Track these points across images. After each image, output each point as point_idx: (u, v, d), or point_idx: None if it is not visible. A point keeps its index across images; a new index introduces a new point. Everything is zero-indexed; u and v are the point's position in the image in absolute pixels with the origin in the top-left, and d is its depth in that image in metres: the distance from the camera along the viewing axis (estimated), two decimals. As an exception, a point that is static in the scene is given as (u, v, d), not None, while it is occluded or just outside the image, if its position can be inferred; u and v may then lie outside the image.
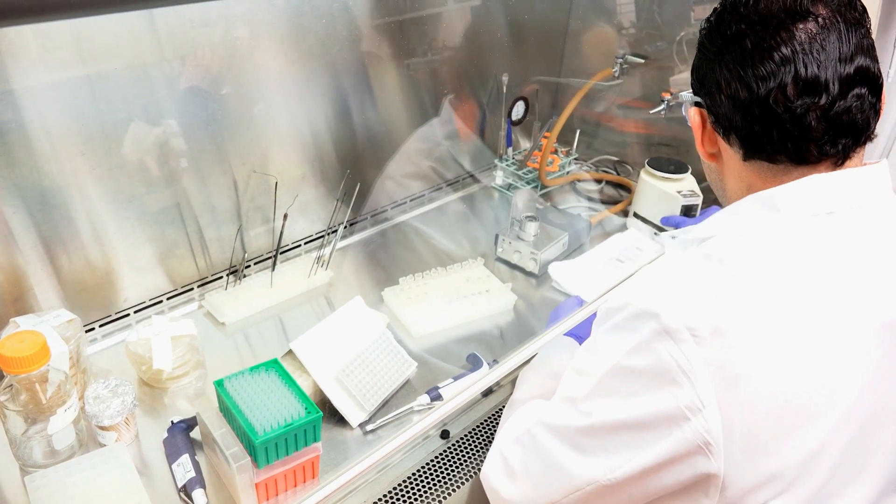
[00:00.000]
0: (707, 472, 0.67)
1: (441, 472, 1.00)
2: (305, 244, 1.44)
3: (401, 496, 0.96)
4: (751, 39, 0.70)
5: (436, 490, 0.97)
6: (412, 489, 0.97)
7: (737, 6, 0.73)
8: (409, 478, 0.98)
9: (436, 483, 0.98)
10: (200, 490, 0.90)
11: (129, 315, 1.22)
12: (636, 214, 1.57)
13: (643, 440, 0.69)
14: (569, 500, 0.76)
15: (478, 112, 1.69)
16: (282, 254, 1.38)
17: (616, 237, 1.51)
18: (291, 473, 0.91)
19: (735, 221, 0.75)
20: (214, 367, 1.13)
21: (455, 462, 1.01)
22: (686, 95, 0.82)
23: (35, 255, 1.07)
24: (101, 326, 1.19)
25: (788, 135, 0.70)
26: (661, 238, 1.18)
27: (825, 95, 0.68)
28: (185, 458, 0.94)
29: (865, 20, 0.71)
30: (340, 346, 1.07)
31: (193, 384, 1.11)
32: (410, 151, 1.53)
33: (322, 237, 1.43)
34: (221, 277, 1.32)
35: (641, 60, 1.66)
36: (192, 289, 1.29)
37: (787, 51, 0.68)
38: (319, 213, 1.44)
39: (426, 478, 0.99)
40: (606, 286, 1.15)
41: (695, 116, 0.80)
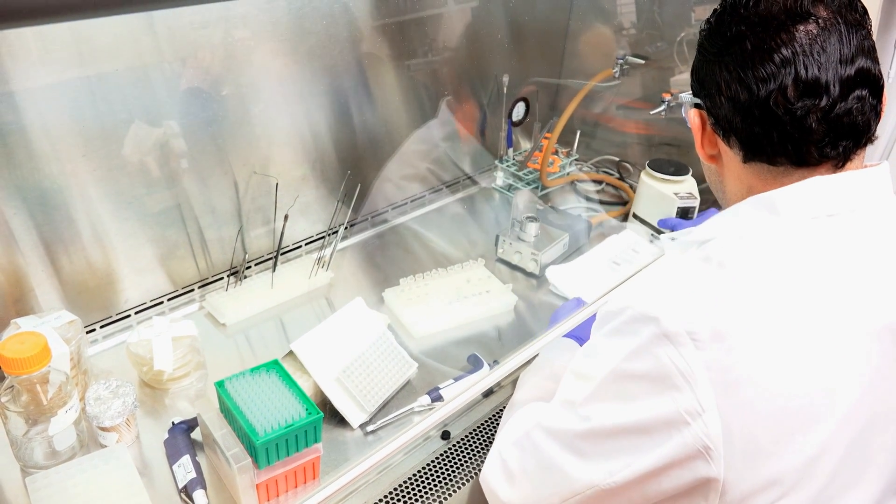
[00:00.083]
0: (707, 477, 0.67)
1: (442, 473, 1.00)
2: (306, 245, 1.44)
3: (401, 497, 0.96)
4: (751, 41, 0.70)
5: (436, 491, 0.97)
6: (413, 490, 0.97)
7: (737, 7, 0.72)
8: (410, 478, 0.98)
9: (436, 484, 0.98)
10: (201, 491, 0.90)
11: (130, 316, 1.22)
12: (635, 216, 1.57)
13: (643, 445, 0.69)
14: None
15: (478, 113, 1.69)
16: (282, 255, 1.38)
17: (612, 239, 1.50)
18: (292, 474, 0.91)
19: (735, 224, 0.74)
20: (215, 368, 1.13)
21: (456, 463, 1.01)
22: (686, 97, 0.82)
23: (36, 257, 1.07)
24: (102, 327, 1.19)
25: (789, 137, 0.70)
26: (660, 240, 1.18)
27: (826, 97, 0.67)
28: (186, 459, 0.94)
29: (866, 21, 0.71)
30: (341, 347, 1.07)
31: (194, 385, 1.11)
32: (408, 153, 1.53)
33: (323, 238, 1.43)
34: (222, 278, 1.32)
35: (642, 61, 1.66)
36: (193, 290, 1.29)
37: (788, 52, 0.68)
38: (320, 214, 1.44)
39: (427, 478, 0.99)
40: (604, 289, 1.15)
41: (694, 118, 0.80)
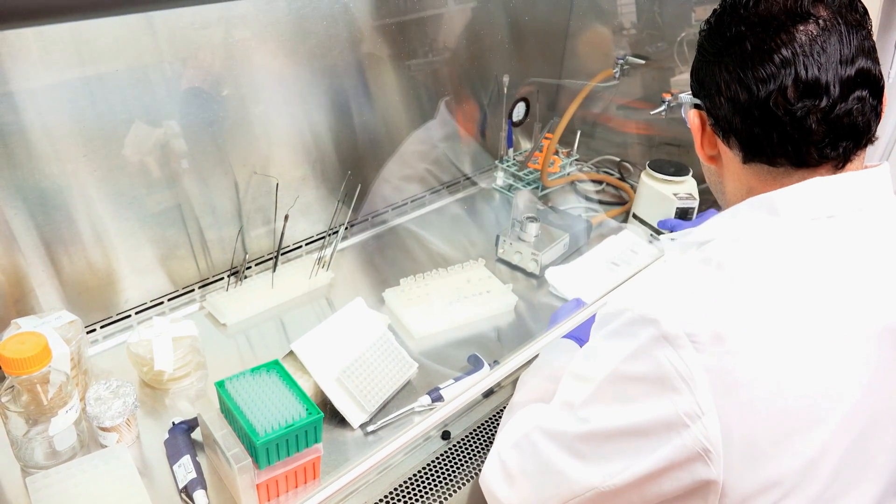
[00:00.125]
0: (706, 479, 0.66)
1: (442, 473, 1.00)
2: (306, 245, 1.44)
3: (402, 497, 0.96)
4: (751, 41, 0.70)
5: (437, 491, 0.97)
6: (413, 490, 0.97)
7: (737, 8, 0.72)
8: (410, 479, 0.98)
9: (437, 484, 0.98)
10: (202, 491, 0.90)
11: (131, 316, 1.22)
12: (635, 216, 1.57)
13: (642, 447, 0.68)
14: None
15: (478, 113, 1.69)
16: (283, 255, 1.38)
17: (610, 240, 1.50)
18: (292, 474, 0.91)
19: (734, 225, 0.74)
20: (215, 368, 1.13)
21: (456, 463, 1.01)
22: (685, 97, 0.81)
23: (36, 257, 1.07)
24: (103, 328, 1.19)
25: (788, 137, 0.69)
26: (660, 240, 1.18)
27: (826, 98, 0.67)
28: (187, 459, 0.94)
29: (866, 22, 0.71)
30: (341, 347, 1.07)
31: (194, 385, 1.11)
32: (407, 154, 1.53)
33: (323, 238, 1.43)
34: (222, 278, 1.32)
35: (642, 61, 1.66)
36: (193, 290, 1.29)
37: (788, 53, 0.68)
38: (320, 215, 1.44)
39: (427, 479, 0.99)
40: (603, 290, 1.14)
41: (694, 119, 0.80)
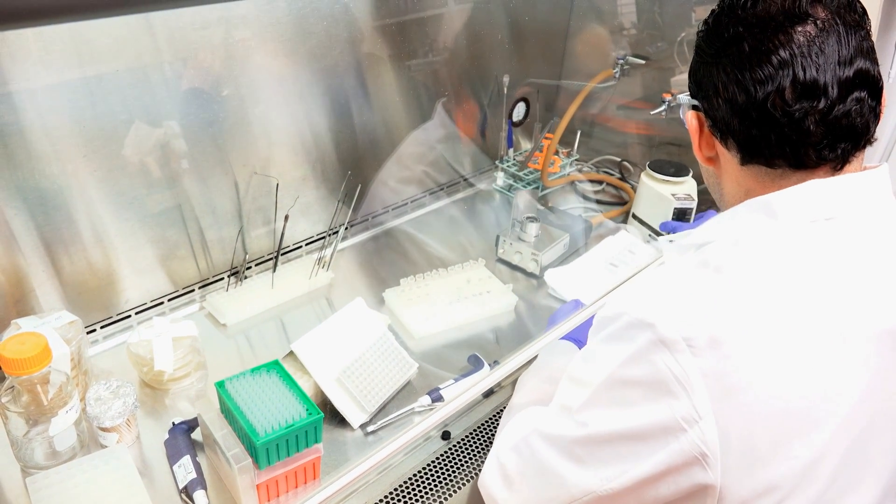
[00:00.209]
0: (704, 483, 0.66)
1: (442, 474, 1.00)
2: (306, 245, 1.44)
3: (402, 497, 0.96)
4: (748, 42, 0.69)
5: (437, 491, 0.97)
6: (413, 490, 0.97)
7: (734, 8, 0.72)
8: (410, 479, 0.98)
9: (437, 484, 0.98)
10: (202, 491, 0.90)
11: (131, 316, 1.22)
12: (635, 216, 1.57)
13: (639, 451, 0.68)
14: None
15: (478, 113, 1.69)
16: (283, 255, 1.38)
17: (608, 240, 1.50)
18: (293, 474, 0.91)
19: (732, 227, 0.74)
20: (215, 369, 1.13)
21: (456, 463, 1.01)
22: (683, 98, 0.81)
23: (36, 257, 1.07)
24: (103, 328, 1.19)
25: (787, 139, 0.69)
26: (659, 242, 1.18)
27: (824, 99, 0.67)
28: (187, 460, 0.94)
29: (865, 22, 0.70)
30: (341, 348, 1.08)
31: (194, 385, 1.11)
32: (404, 156, 1.53)
33: (323, 238, 1.44)
34: (222, 279, 1.32)
35: (642, 61, 1.66)
36: (194, 290, 1.29)
37: (786, 54, 0.67)
38: (320, 215, 1.44)
39: (427, 479, 0.99)
40: (602, 291, 1.14)
41: (692, 120, 0.79)
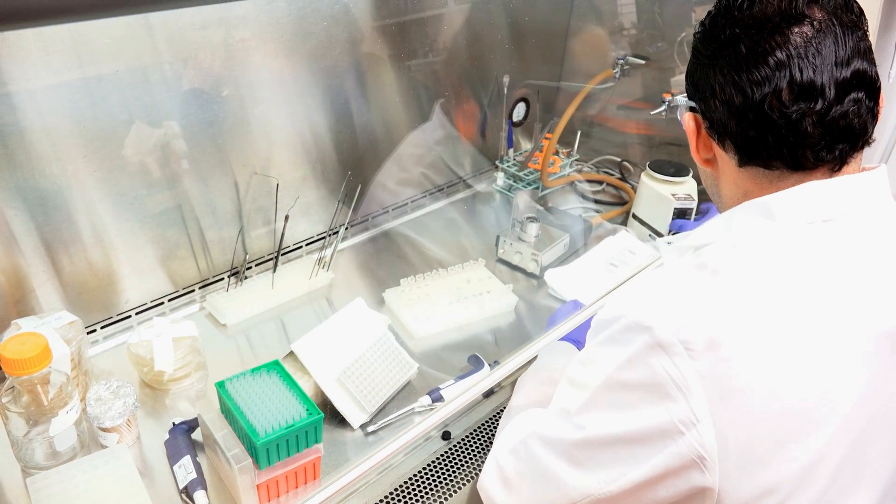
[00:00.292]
0: (702, 487, 0.66)
1: (442, 474, 1.00)
2: (307, 245, 1.44)
3: (402, 497, 0.96)
4: (745, 44, 0.69)
5: (437, 491, 0.97)
6: (413, 490, 0.97)
7: (731, 10, 0.71)
8: (411, 479, 0.98)
9: (437, 484, 0.98)
10: (202, 491, 0.90)
11: (131, 317, 1.22)
12: (635, 216, 1.57)
13: (637, 454, 0.68)
14: None
15: (478, 113, 1.69)
16: (283, 255, 1.38)
17: (608, 241, 1.49)
18: (293, 475, 0.91)
19: (730, 229, 0.74)
20: (216, 369, 1.13)
21: (456, 463, 1.01)
22: (680, 100, 0.81)
23: (37, 258, 1.07)
24: (103, 328, 1.19)
25: (784, 141, 0.69)
26: (658, 243, 1.18)
27: (821, 100, 0.66)
28: (187, 460, 0.94)
29: (862, 23, 0.70)
30: (342, 348, 1.08)
31: (195, 385, 1.11)
32: (402, 158, 1.53)
33: (323, 238, 1.44)
34: (223, 279, 1.32)
35: (642, 61, 1.66)
36: (194, 290, 1.29)
37: (782, 55, 0.67)
38: (321, 215, 1.44)
39: (427, 479, 0.99)
40: (601, 291, 1.14)
41: (689, 122, 0.79)
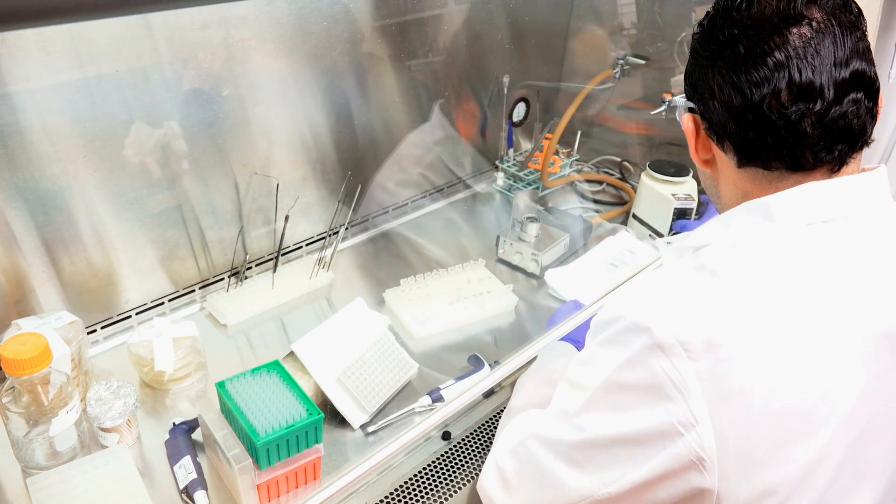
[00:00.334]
0: (701, 488, 0.66)
1: (442, 474, 1.00)
2: (307, 245, 1.44)
3: (402, 497, 0.96)
4: (744, 44, 0.69)
5: (437, 491, 0.97)
6: (414, 490, 0.97)
7: (729, 10, 0.71)
8: (411, 479, 0.98)
9: (437, 484, 0.98)
10: (202, 491, 0.90)
11: (131, 317, 1.22)
12: (635, 216, 1.57)
13: (636, 456, 0.68)
14: None
15: (478, 113, 1.69)
16: (283, 255, 1.38)
17: (608, 241, 1.49)
18: (293, 475, 0.92)
19: (729, 230, 0.74)
20: (216, 369, 1.14)
21: (456, 463, 1.01)
22: (679, 101, 0.81)
23: (37, 258, 1.07)
24: (103, 328, 1.20)
25: (783, 141, 0.69)
26: (657, 244, 1.18)
27: (820, 101, 0.66)
28: (187, 460, 0.94)
29: (861, 23, 0.70)
30: (342, 348, 1.08)
31: (195, 386, 1.11)
32: (401, 158, 1.53)
33: (323, 239, 1.44)
34: (223, 279, 1.32)
35: (642, 61, 1.66)
36: (194, 290, 1.29)
37: (781, 56, 0.67)
38: (321, 215, 1.44)
39: (427, 479, 0.99)
40: (601, 291, 1.14)
41: (688, 123, 0.79)
